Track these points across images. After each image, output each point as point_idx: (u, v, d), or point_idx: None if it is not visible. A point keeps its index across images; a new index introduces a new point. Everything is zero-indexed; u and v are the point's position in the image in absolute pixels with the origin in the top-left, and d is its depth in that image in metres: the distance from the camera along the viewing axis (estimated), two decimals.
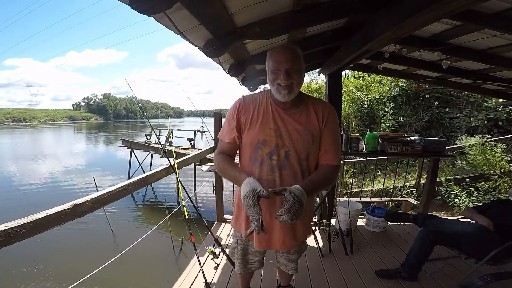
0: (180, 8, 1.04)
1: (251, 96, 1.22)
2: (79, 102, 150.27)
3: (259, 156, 1.16)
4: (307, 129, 1.14)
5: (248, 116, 1.16)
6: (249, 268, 1.45)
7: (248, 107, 1.17)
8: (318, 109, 1.16)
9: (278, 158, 1.14)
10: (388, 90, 8.18)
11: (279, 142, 1.13)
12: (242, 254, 1.40)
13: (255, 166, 1.17)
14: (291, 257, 1.43)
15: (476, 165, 5.11)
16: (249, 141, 1.17)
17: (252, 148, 1.17)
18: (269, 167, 1.15)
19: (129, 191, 1.77)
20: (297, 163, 1.14)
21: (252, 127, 1.16)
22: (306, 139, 1.13)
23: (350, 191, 4.66)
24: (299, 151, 1.14)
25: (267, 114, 1.15)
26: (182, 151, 9.57)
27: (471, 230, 1.86)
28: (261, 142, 1.14)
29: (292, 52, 1.10)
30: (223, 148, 1.24)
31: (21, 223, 1.08)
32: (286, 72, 1.07)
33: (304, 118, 1.15)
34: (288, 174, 1.15)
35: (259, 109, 1.16)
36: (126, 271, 4.44)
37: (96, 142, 30.22)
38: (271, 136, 1.13)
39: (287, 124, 1.14)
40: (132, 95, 2.73)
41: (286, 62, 1.07)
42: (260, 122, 1.15)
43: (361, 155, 3.62)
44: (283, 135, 1.13)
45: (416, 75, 3.21)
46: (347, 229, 2.57)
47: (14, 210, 7.29)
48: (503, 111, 6.53)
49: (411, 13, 1.19)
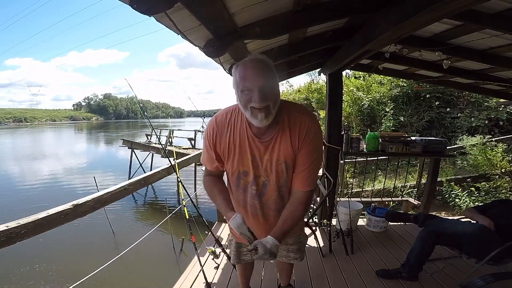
0: (180, 8, 1.04)
1: (225, 117, 1.09)
2: (79, 102, 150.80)
3: (241, 185, 1.17)
4: (280, 159, 1.06)
5: (224, 145, 1.08)
6: (242, 259, 1.45)
7: (223, 133, 1.08)
8: (294, 131, 1.02)
9: (257, 188, 1.15)
10: (388, 90, 8.16)
11: (256, 173, 1.12)
12: (236, 246, 1.44)
13: (239, 192, 1.19)
14: (289, 248, 1.42)
15: (477, 165, 5.10)
16: (230, 171, 1.16)
17: (234, 177, 1.17)
18: (251, 195, 1.17)
19: (130, 191, 1.78)
20: (274, 191, 1.14)
21: (230, 157, 1.10)
22: (280, 169, 1.09)
23: (351, 191, 4.66)
24: (275, 180, 1.12)
25: (243, 142, 1.06)
26: (182, 151, 9.59)
27: (472, 230, 1.86)
28: (242, 173, 1.14)
29: (265, 63, 0.94)
30: (209, 171, 1.24)
31: (22, 223, 1.09)
32: (260, 91, 0.90)
33: (277, 146, 1.05)
34: (267, 200, 1.17)
35: (234, 135, 1.06)
36: (126, 271, 4.45)
37: (96, 142, 30.27)
38: (249, 166, 1.10)
39: (262, 155, 1.07)
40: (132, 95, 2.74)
41: (259, 78, 0.90)
42: (239, 153, 1.08)
43: (362, 155, 3.61)
44: (259, 166, 1.10)
45: (417, 75, 3.20)
46: (348, 229, 2.57)
47: (14, 210, 7.31)
48: (504, 111, 6.51)
49: (412, 13, 1.19)
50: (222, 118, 1.09)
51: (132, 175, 10.82)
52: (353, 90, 8.51)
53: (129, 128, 52.13)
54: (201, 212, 2.38)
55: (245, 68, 0.93)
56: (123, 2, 0.91)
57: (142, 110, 2.91)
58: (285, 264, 1.56)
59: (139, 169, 11.07)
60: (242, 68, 0.94)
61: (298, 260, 1.45)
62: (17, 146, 25.15)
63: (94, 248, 5.34)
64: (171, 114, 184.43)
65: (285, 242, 1.38)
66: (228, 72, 2.26)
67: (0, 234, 1.02)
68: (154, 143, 11.17)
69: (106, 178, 11.42)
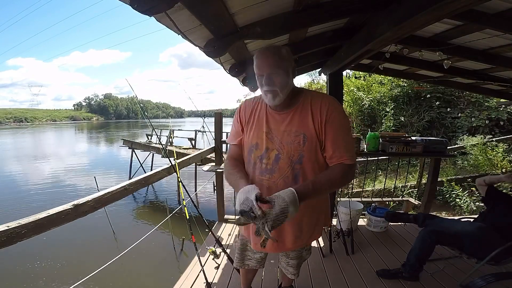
0: (181, 8, 1.04)
1: (252, 100, 1.24)
2: (80, 102, 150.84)
3: (252, 159, 1.16)
4: (298, 130, 1.08)
5: (247, 119, 1.20)
6: (246, 264, 1.44)
7: (248, 111, 1.21)
8: (315, 107, 1.07)
9: (268, 162, 1.11)
10: (389, 90, 8.16)
11: (269, 145, 1.11)
12: (240, 249, 1.42)
13: (249, 169, 1.18)
14: (289, 261, 1.41)
15: (478, 165, 5.11)
16: (245, 144, 1.20)
17: (247, 151, 1.19)
18: (259, 171, 1.13)
19: (130, 191, 1.77)
20: (288, 166, 1.09)
21: (248, 130, 1.19)
22: (297, 141, 1.07)
23: (351, 191, 4.65)
24: (290, 153, 1.08)
25: (261, 117, 1.16)
26: (183, 151, 9.60)
27: (472, 230, 1.85)
28: (254, 146, 1.15)
29: (274, 54, 1.04)
30: (231, 153, 1.26)
31: (22, 223, 1.09)
32: (267, 77, 1.03)
33: (297, 118, 1.09)
34: (278, 178, 1.10)
35: (255, 113, 1.18)
36: (127, 271, 4.46)
37: (97, 142, 30.29)
38: (262, 139, 1.12)
39: (279, 126, 1.11)
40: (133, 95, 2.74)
41: (267, 67, 1.03)
42: (255, 126, 1.16)
43: (362, 155, 3.61)
44: (274, 138, 1.11)
45: (417, 75, 3.20)
46: (348, 229, 2.56)
47: (15, 210, 7.32)
48: (504, 111, 6.51)
49: (412, 13, 1.18)
50: (250, 101, 1.25)
51: (132, 175, 10.83)
52: (353, 90, 8.51)
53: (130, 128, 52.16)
54: (202, 212, 2.38)
55: (258, 57, 1.06)
56: (124, 2, 0.91)
57: (142, 110, 2.91)
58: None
59: (139, 169, 11.08)
60: (256, 57, 1.07)
61: (294, 277, 1.45)
62: (18, 146, 25.17)
63: (95, 248, 5.35)
64: (171, 114, 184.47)
65: (287, 254, 1.37)
66: (229, 72, 2.26)
67: (1, 234, 1.02)
68: (155, 143, 11.18)
69: (107, 178, 11.44)
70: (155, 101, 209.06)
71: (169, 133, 10.79)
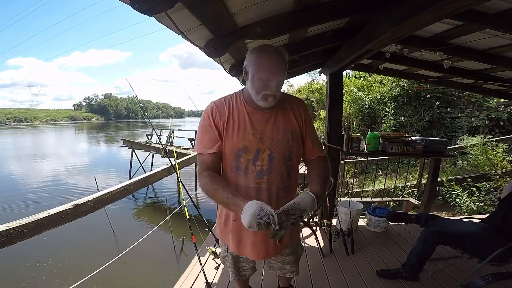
0: (181, 8, 1.04)
1: (223, 101, 1.13)
2: (80, 102, 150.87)
3: (241, 164, 1.08)
4: (286, 128, 1.11)
5: (225, 122, 1.07)
6: (243, 275, 1.40)
7: (223, 113, 1.08)
8: (294, 107, 1.16)
9: (263, 163, 1.08)
10: (389, 90, 8.16)
11: (260, 146, 1.07)
12: (233, 262, 1.34)
13: (239, 175, 1.09)
14: (285, 259, 1.36)
15: (478, 165, 5.10)
16: (228, 150, 1.09)
17: (232, 157, 1.09)
18: (255, 174, 1.08)
19: (130, 191, 1.78)
20: (282, 164, 1.10)
21: (229, 134, 1.07)
22: (287, 138, 1.10)
23: (351, 191, 4.66)
24: (282, 151, 1.09)
25: (242, 118, 1.08)
26: (183, 151, 9.59)
27: (474, 230, 1.85)
28: (242, 149, 1.07)
29: (282, 59, 1.02)
30: (206, 163, 1.10)
31: (22, 223, 1.09)
32: (278, 83, 1.02)
33: (280, 116, 1.12)
34: (275, 177, 1.10)
35: (232, 114, 1.09)
36: (127, 271, 4.46)
37: (97, 142, 30.31)
38: (251, 141, 1.07)
39: (265, 125, 1.09)
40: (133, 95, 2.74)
41: (279, 72, 1.00)
42: (237, 129, 1.07)
43: (362, 155, 3.62)
44: (263, 138, 1.08)
45: (417, 75, 3.20)
46: (348, 229, 2.56)
47: (15, 210, 7.32)
48: (504, 111, 6.51)
49: (412, 13, 1.19)
50: (221, 101, 1.13)
51: (132, 175, 10.84)
52: (353, 90, 8.51)
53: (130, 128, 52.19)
54: (202, 212, 2.38)
55: (267, 59, 1.00)
56: (124, 2, 0.91)
57: (142, 110, 2.91)
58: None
59: (139, 169, 11.09)
60: (265, 58, 1.00)
61: (294, 274, 1.39)
62: (18, 146, 25.18)
63: (95, 248, 5.35)
64: (171, 114, 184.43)
65: (282, 252, 1.31)
66: (229, 72, 2.26)
67: (1, 234, 1.02)
68: (155, 143, 11.18)
69: (107, 178, 11.44)
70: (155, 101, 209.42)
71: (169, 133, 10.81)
